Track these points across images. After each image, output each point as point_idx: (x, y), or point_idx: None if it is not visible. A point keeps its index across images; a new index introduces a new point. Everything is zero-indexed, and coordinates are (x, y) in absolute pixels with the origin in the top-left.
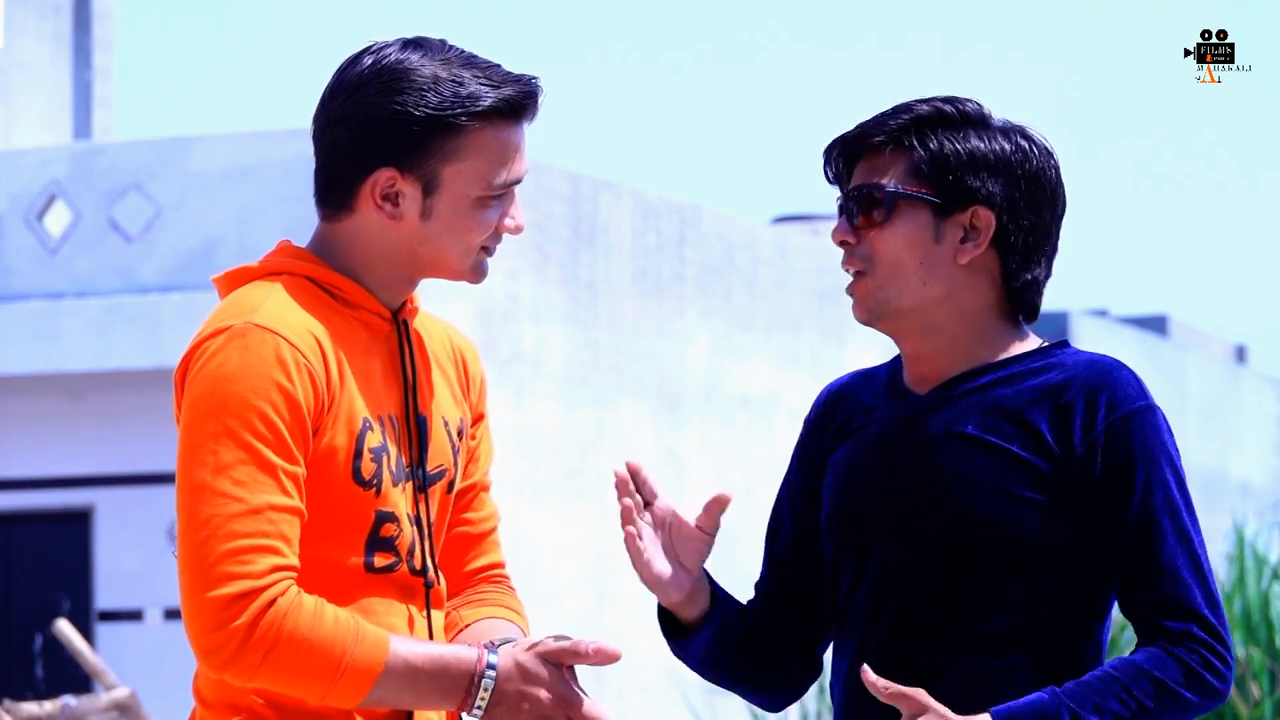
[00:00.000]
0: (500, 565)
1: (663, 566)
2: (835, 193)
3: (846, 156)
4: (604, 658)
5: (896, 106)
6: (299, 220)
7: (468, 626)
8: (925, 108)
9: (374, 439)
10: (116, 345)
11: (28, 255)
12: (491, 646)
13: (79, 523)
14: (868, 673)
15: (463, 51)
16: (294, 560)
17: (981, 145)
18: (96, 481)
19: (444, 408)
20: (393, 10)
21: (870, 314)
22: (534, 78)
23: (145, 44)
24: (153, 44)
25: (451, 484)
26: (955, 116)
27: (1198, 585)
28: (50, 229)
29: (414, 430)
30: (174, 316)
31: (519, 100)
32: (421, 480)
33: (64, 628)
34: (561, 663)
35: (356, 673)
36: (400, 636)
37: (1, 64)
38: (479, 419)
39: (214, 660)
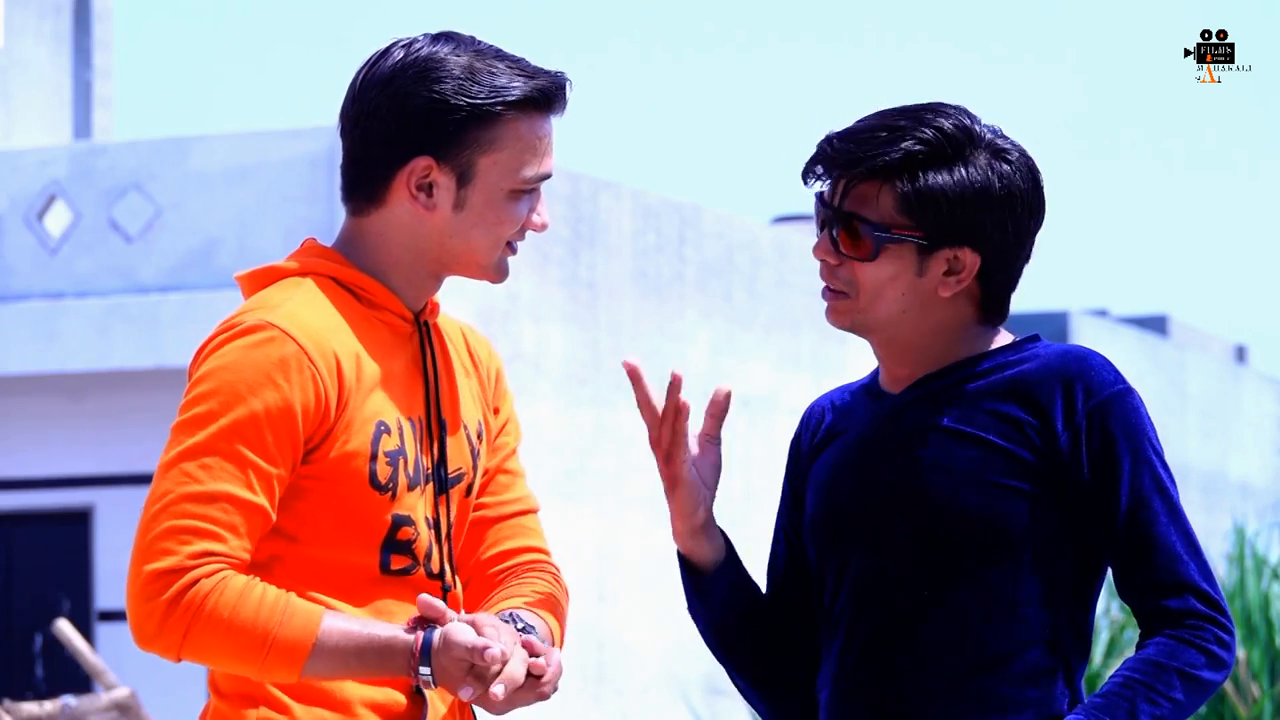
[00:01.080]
0: (531, 550)
1: (692, 474)
2: (813, 198)
3: (834, 173)
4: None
5: (888, 128)
6: (299, 220)
7: None
8: (915, 145)
9: (390, 442)
10: (116, 345)
11: (28, 255)
12: (429, 626)
13: (79, 523)
14: None
15: (491, 45)
16: (236, 552)
17: (968, 180)
18: (96, 481)
19: (465, 411)
20: (393, 11)
21: (845, 328)
22: (562, 72)
23: (145, 44)
24: (153, 44)
25: (470, 488)
26: (945, 149)
27: (1192, 560)
28: (50, 229)
29: (436, 432)
30: (174, 316)
31: (551, 91)
32: (441, 483)
33: (64, 628)
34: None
35: (283, 652)
36: (336, 615)
37: (1, 64)
38: (496, 410)
39: (141, 634)
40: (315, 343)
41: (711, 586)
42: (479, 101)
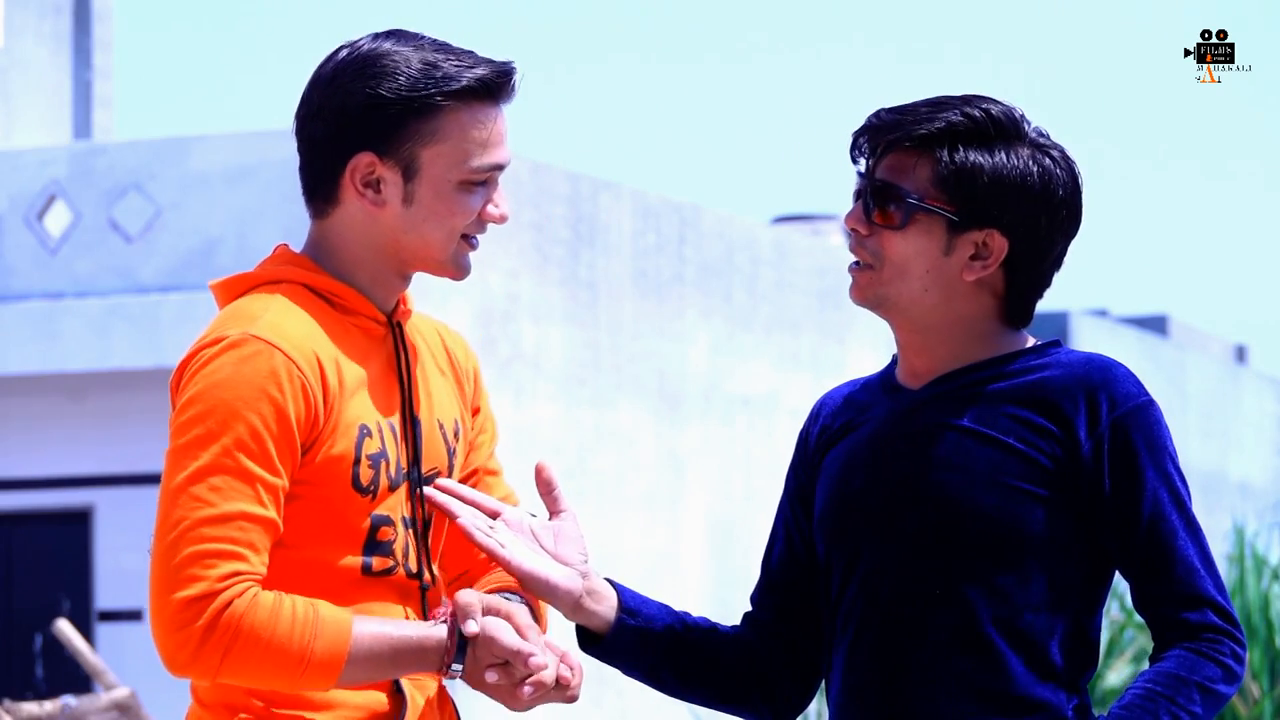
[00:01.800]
0: None
1: (539, 563)
2: (855, 174)
3: (876, 142)
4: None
5: (934, 104)
6: (299, 220)
7: None
8: (959, 116)
9: (372, 445)
10: (116, 345)
11: (28, 255)
12: (462, 618)
13: (79, 523)
14: None
15: (436, 40)
16: (259, 568)
17: (1007, 165)
18: (96, 481)
19: (440, 410)
20: (392, 10)
21: (866, 303)
22: (509, 61)
23: (145, 44)
24: (153, 44)
25: None
26: (988, 129)
27: (1208, 574)
28: (50, 229)
29: (410, 433)
30: (174, 316)
31: (493, 80)
32: (416, 482)
33: (64, 628)
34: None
35: (320, 666)
36: (364, 620)
37: (1, 64)
38: (476, 410)
39: (176, 661)
40: (299, 351)
41: (614, 646)
42: (415, 94)
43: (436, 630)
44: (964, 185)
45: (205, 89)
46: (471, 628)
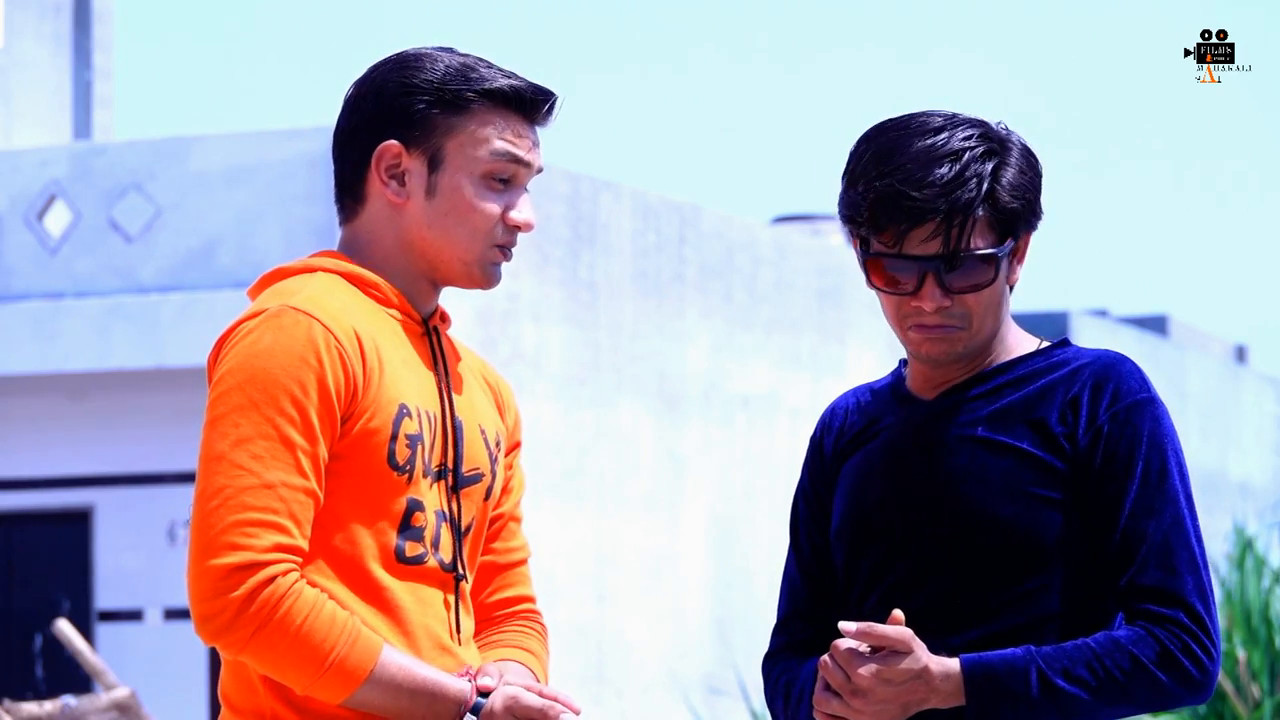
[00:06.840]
0: (528, 599)
1: None
2: (872, 246)
3: (914, 222)
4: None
5: (950, 158)
6: (299, 220)
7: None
8: (982, 164)
9: (410, 426)
10: (116, 345)
11: (28, 255)
12: (481, 683)
13: (79, 523)
14: (847, 626)
15: (485, 58)
16: (300, 541)
17: (1020, 180)
18: (96, 481)
19: (482, 415)
20: (394, 10)
21: (953, 357)
22: (552, 89)
23: (145, 44)
24: (153, 44)
25: (489, 491)
26: (995, 155)
27: (1190, 575)
28: (50, 229)
29: (451, 430)
30: (174, 316)
31: (529, 93)
32: (455, 481)
33: (64, 628)
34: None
35: (341, 674)
36: (395, 650)
37: (1, 64)
38: (514, 448)
39: (208, 628)
40: (337, 323)
41: None
42: (448, 87)
43: (458, 682)
44: (1008, 220)
45: (205, 89)
46: (487, 669)
